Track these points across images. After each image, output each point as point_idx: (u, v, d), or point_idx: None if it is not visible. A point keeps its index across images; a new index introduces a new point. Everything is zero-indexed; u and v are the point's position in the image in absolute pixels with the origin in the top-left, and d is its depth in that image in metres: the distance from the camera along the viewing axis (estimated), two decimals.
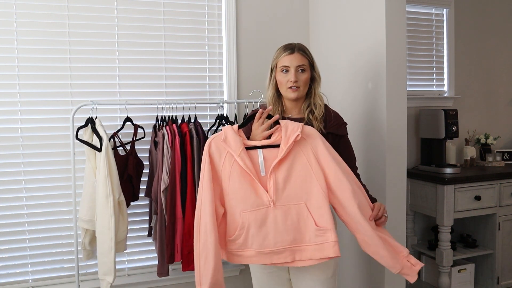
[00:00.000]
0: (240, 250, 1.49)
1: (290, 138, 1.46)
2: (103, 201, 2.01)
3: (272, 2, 2.73)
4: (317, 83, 1.72)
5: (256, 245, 1.46)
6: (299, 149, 1.48)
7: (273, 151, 1.49)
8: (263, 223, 1.45)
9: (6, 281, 2.34)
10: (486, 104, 3.42)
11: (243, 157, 1.45)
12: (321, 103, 1.70)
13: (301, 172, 1.47)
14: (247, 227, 1.46)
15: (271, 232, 1.45)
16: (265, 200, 1.45)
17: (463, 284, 2.91)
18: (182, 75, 2.59)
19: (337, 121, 1.71)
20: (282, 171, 1.46)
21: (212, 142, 1.51)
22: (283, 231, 1.45)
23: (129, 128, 2.30)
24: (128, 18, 2.48)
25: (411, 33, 3.12)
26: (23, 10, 2.30)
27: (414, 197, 2.96)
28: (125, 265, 2.53)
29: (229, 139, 1.48)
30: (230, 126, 1.52)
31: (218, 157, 1.49)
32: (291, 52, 1.66)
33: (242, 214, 1.46)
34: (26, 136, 2.34)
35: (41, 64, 2.35)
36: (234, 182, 1.47)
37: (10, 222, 2.33)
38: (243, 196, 1.46)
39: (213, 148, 1.50)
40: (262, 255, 1.47)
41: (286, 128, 1.49)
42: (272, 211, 1.45)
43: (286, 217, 1.46)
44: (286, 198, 1.46)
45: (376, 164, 2.15)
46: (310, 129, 1.54)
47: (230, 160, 1.47)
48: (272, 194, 1.45)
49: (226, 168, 1.48)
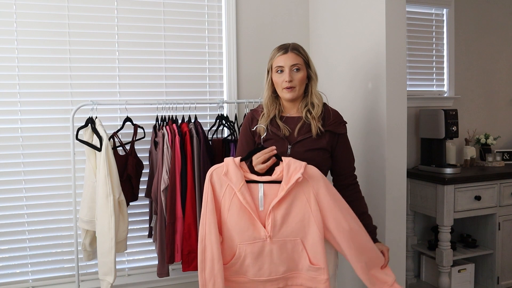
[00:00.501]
0: (234, 276, 1.53)
1: (292, 179, 1.47)
2: (103, 201, 2.01)
3: (272, 2, 2.73)
4: (314, 81, 1.71)
5: (251, 274, 1.51)
6: (300, 189, 1.50)
7: (274, 187, 1.50)
8: (259, 255, 1.49)
9: (6, 281, 2.34)
10: (486, 104, 3.42)
11: (243, 192, 1.47)
12: (318, 102, 1.68)
13: (299, 210, 1.50)
14: (243, 257, 1.49)
15: (266, 263, 1.49)
16: (262, 235, 1.48)
17: (463, 284, 2.91)
18: (182, 75, 2.59)
19: (336, 119, 1.70)
20: (281, 209, 1.48)
21: (214, 173, 1.52)
22: (278, 263, 1.50)
23: (129, 128, 2.30)
24: (128, 18, 2.48)
25: (411, 33, 3.12)
26: (23, 10, 2.31)
27: (414, 197, 2.96)
28: (125, 265, 2.53)
29: (231, 173, 1.49)
30: (232, 159, 1.52)
31: (219, 188, 1.51)
32: (285, 52, 1.66)
33: (239, 245, 1.49)
34: (26, 136, 2.34)
35: (41, 64, 2.35)
36: (232, 215, 1.49)
37: (10, 222, 2.33)
38: (241, 229, 1.48)
39: (215, 178, 1.51)
40: (256, 283, 1.52)
41: (288, 167, 1.49)
42: (269, 245, 1.48)
43: (282, 250, 1.49)
44: (283, 233, 1.49)
45: (376, 164, 2.15)
46: (313, 169, 1.52)
47: (230, 193, 1.49)
48: (269, 230, 1.47)
49: (226, 200, 1.50)
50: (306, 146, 1.64)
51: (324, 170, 1.70)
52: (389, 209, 2.10)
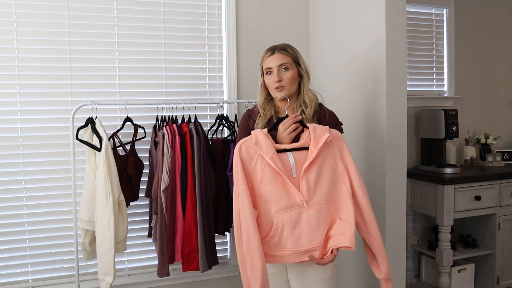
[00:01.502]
0: (274, 250, 1.51)
1: (320, 141, 1.51)
2: (103, 201, 2.01)
3: (272, 2, 2.73)
4: (305, 79, 1.70)
5: (290, 245, 1.49)
6: (327, 151, 1.54)
7: (302, 154, 1.53)
8: (297, 223, 1.48)
9: (6, 281, 2.34)
10: (486, 104, 3.42)
11: (275, 160, 1.48)
12: (310, 101, 1.68)
13: (329, 172, 1.53)
14: (281, 227, 1.48)
15: (305, 231, 1.48)
16: (297, 201, 1.48)
17: (463, 284, 2.91)
18: (182, 75, 2.59)
19: (332, 120, 1.70)
20: (313, 172, 1.50)
21: (243, 145, 1.52)
22: (316, 228, 1.49)
23: (129, 128, 2.30)
24: (128, 18, 2.48)
25: (411, 33, 3.12)
26: (23, 10, 2.30)
27: (414, 197, 2.96)
28: (125, 265, 2.53)
29: (261, 142, 1.51)
30: (260, 130, 1.54)
31: (249, 161, 1.51)
32: (272, 53, 1.67)
33: (276, 215, 1.48)
34: (26, 136, 2.34)
35: (41, 64, 2.35)
36: (266, 184, 1.49)
37: (10, 222, 2.33)
38: (276, 197, 1.48)
39: (244, 152, 1.51)
40: (297, 254, 1.50)
41: (314, 131, 1.54)
42: (306, 211, 1.48)
43: (319, 215, 1.49)
44: (317, 197, 1.50)
45: (376, 164, 2.15)
46: (335, 131, 1.59)
47: (262, 163, 1.50)
48: (305, 194, 1.48)
49: (258, 171, 1.50)
50: None
51: None
52: (389, 209, 2.10)
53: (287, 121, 1.56)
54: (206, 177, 2.18)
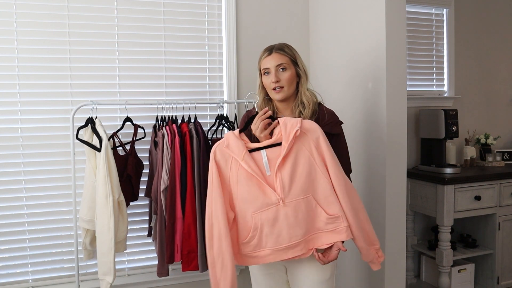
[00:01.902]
0: (255, 251, 1.51)
1: (290, 134, 1.48)
2: (103, 201, 2.01)
3: (272, 2, 2.73)
4: (303, 79, 1.68)
5: (271, 244, 1.49)
6: (301, 144, 1.51)
7: (276, 150, 1.51)
8: (275, 221, 1.48)
9: (6, 281, 2.34)
10: (486, 104, 3.42)
11: (247, 161, 1.48)
12: (308, 101, 1.66)
13: (305, 165, 1.50)
14: (260, 227, 1.48)
15: (284, 228, 1.47)
16: (273, 199, 1.47)
17: (463, 284, 2.91)
18: (182, 75, 2.59)
19: (331, 119, 1.68)
20: (287, 168, 1.48)
21: (217, 149, 1.53)
22: (295, 225, 1.48)
23: (129, 128, 2.30)
24: (128, 18, 2.48)
25: (411, 33, 3.12)
26: (23, 10, 2.30)
27: (414, 197, 2.96)
28: (125, 265, 2.53)
29: (232, 144, 1.51)
30: (231, 132, 1.54)
31: (224, 164, 1.52)
32: (269, 53, 1.67)
33: (254, 216, 1.48)
34: (26, 136, 2.34)
35: (41, 64, 2.35)
36: (242, 186, 1.49)
37: (10, 222, 2.33)
38: (252, 198, 1.48)
39: (218, 155, 1.53)
40: (278, 252, 1.49)
41: (285, 125, 1.51)
42: (282, 209, 1.47)
43: (297, 211, 1.48)
44: (293, 193, 1.48)
45: (376, 164, 2.15)
46: (309, 123, 1.55)
47: (236, 165, 1.50)
48: (280, 192, 1.47)
49: (233, 173, 1.51)
50: None
51: None
52: (389, 209, 2.10)
53: (256, 120, 1.56)
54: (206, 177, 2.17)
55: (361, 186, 2.25)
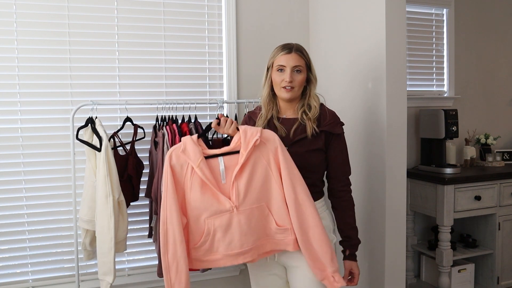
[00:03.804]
0: (206, 256, 1.52)
1: (250, 143, 1.49)
2: (103, 201, 2.01)
3: (272, 2, 2.73)
4: (313, 85, 1.70)
5: (222, 249, 1.50)
6: (259, 153, 1.51)
7: (233, 158, 1.51)
8: (228, 228, 1.48)
9: (6, 281, 2.34)
10: (486, 104, 3.42)
11: (202, 168, 1.47)
12: (316, 104, 1.68)
13: (261, 175, 1.51)
14: (213, 232, 1.49)
15: (237, 234, 1.48)
16: (227, 206, 1.47)
17: (463, 284, 2.91)
18: (182, 75, 2.59)
19: (333, 119, 1.68)
20: (243, 177, 1.48)
21: (173, 153, 1.52)
22: (248, 232, 1.49)
23: (129, 128, 2.30)
24: (128, 18, 2.48)
25: (411, 33, 3.12)
26: (23, 10, 2.30)
27: (414, 197, 2.96)
28: (125, 265, 2.53)
29: (188, 150, 1.50)
30: (189, 137, 1.54)
31: (179, 169, 1.51)
32: (289, 51, 1.64)
33: (207, 221, 1.48)
34: (26, 136, 2.34)
35: (41, 64, 2.34)
36: (195, 192, 1.48)
37: (10, 222, 2.33)
38: (206, 204, 1.48)
39: (174, 159, 1.51)
40: (229, 257, 1.50)
41: (245, 134, 1.52)
42: (236, 216, 1.47)
43: (250, 219, 1.49)
44: (248, 202, 1.49)
45: (376, 164, 2.15)
46: (269, 133, 1.55)
47: (191, 171, 1.50)
48: (234, 200, 1.47)
49: (188, 179, 1.50)
50: (304, 147, 1.63)
51: (321, 172, 1.70)
52: (389, 209, 2.10)
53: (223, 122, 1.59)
54: None
55: (361, 186, 2.25)
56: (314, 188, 1.65)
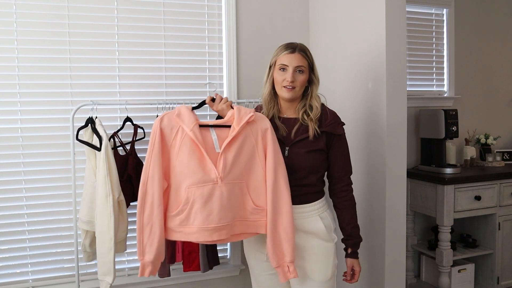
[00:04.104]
0: (180, 226, 1.49)
1: (243, 119, 1.53)
2: (103, 201, 2.01)
3: (272, 2, 2.73)
4: (315, 86, 1.70)
5: (199, 221, 1.46)
6: (249, 131, 1.55)
7: (224, 131, 1.55)
8: (209, 199, 1.46)
9: (6, 281, 2.34)
10: (486, 104, 3.42)
11: (195, 131, 1.48)
12: (317, 105, 1.67)
13: (247, 152, 1.53)
14: (192, 202, 1.46)
15: (216, 208, 1.46)
16: (212, 177, 1.47)
17: (463, 284, 2.91)
18: (182, 75, 2.59)
19: (334, 120, 1.68)
20: (232, 150, 1.51)
21: (165, 116, 1.52)
22: (227, 207, 1.48)
23: (129, 128, 2.30)
24: (128, 18, 2.48)
25: (411, 33, 3.12)
26: (23, 10, 2.30)
27: (414, 197, 2.96)
28: (125, 265, 2.53)
29: (183, 114, 1.52)
30: (184, 105, 1.57)
31: (169, 132, 1.50)
32: (292, 51, 1.64)
33: (188, 189, 1.46)
34: (26, 136, 2.34)
35: (41, 64, 2.34)
36: (183, 156, 1.48)
37: (10, 222, 2.33)
38: (191, 171, 1.46)
39: (165, 122, 1.51)
40: (204, 232, 1.47)
41: (239, 111, 1.57)
42: (219, 188, 1.47)
43: (231, 194, 1.49)
44: (232, 175, 1.50)
45: (376, 164, 2.15)
46: (261, 116, 1.62)
47: (182, 134, 1.50)
48: (220, 171, 1.47)
49: (176, 142, 1.50)
50: (305, 148, 1.63)
51: (322, 172, 1.70)
52: (389, 209, 2.10)
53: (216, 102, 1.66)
54: None
55: (361, 186, 2.25)
56: (314, 188, 1.66)
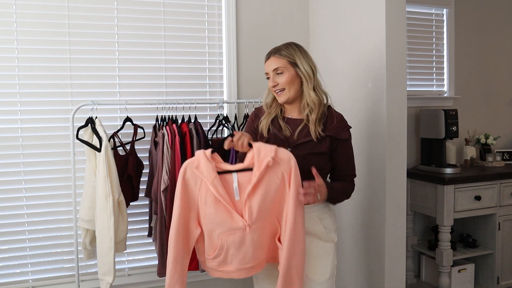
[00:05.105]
0: (220, 266, 1.53)
1: (263, 163, 1.46)
2: (103, 201, 2.01)
3: (272, 2, 2.73)
4: (305, 80, 1.63)
5: (236, 263, 1.51)
6: (273, 172, 1.49)
7: (247, 175, 1.50)
8: (242, 244, 1.48)
9: (6, 281, 2.34)
10: (486, 104, 3.42)
11: (215, 185, 1.46)
12: (314, 103, 1.63)
13: (274, 193, 1.49)
14: (226, 248, 1.49)
15: (250, 250, 1.49)
16: (240, 224, 1.47)
17: (463, 284, 2.91)
18: (182, 75, 2.59)
19: (340, 124, 1.65)
20: (256, 196, 1.47)
21: (188, 167, 1.51)
22: (261, 246, 1.51)
23: (129, 128, 2.30)
24: (128, 18, 2.48)
25: (411, 33, 3.12)
26: (23, 10, 2.30)
27: (414, 197, 2.96)
28: (125, 265, 2.53)
29: (202, 166, 1.49)
30: (202, 151, 1.51)
31: (193, 183, 1.50)
32: (267, 58, 1.67)
33: (220, 236, 1.49)
34: (26, 136, 2.34)
35: (41, 64, 2.35)
36: (209, 208, 1.48)
37: (10, 222, 2.33)
38: (219, 220, 1.48)
39: (189, 174, 1.51)
40: (242, 270, 1.51)
41: (259, 152, 1.49)
42: (249, 234, 1.47)
43: (262, 235, 1.50)
44: (260, 220, 1.48)
45: (376, 164, 2.15)
46: (284, 153, 1.51)
47: (205, 186, 1.49)
48: (247, 219, 1.46)
49: (202, 193, 1.49)
50: (307, 150, 1.62)
51: (325, 174, 1.69)
52: (389, 209, 2.10)
53: (240, 135, 1.54)
54: None
55: (361, 186, 2.25)
56: None
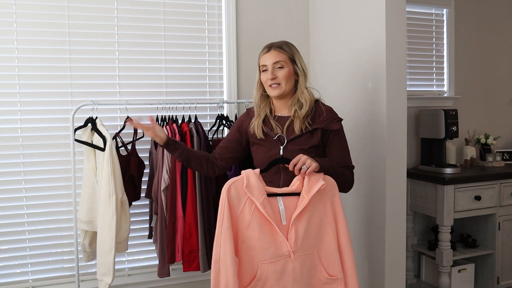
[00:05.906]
0: None
1: (314, 188, 1.43)
2: (106, 200, 2.00)
3: (272, 2, 2.73)
4: (301, 77, 1.67)
5: None
6: (318, 198, 1.47)
7: (292, 200, 1.45)
8: (282, 275, 1.41)
9: (6, 281, 2.34)
10: (486, 104, 3.42)
11: (265, 205, 1.39)
12: (306, 99, 1.65)
13: (317, 220, 1.46)
14: (265, 278, 1.40)
15: (289, 283, 1.42)
16: (284, 250, 1.41)
17: (463, 284, 2.91)
18: (182, 75, 2.59)
19: (329, 116, 1.66)
20: (303, 221, 1.43)
21: (232, 186, 1.41)
22: (300, 280, 1.43)
23: (129, 128, 2.30)
24: (128, 18, 2.48)
25: (411, 33, 3.12)
26: (23, 10, 2.30)
27: (414, 197, 2.96)
28: (125, 265, 2.53)
29: (252, 185, 1.40)
30: (251, 171, 1.43)
31: (236, 203, 1.40)
32: (268, 50, 1.68)
33: (261, 265, 1.40)
34: (26, 136, 2.34)
35: (41, 64, 2.34)
36: (253, 231, 1.40)
37: (10, 222, 2.33)
38: (263, 245, 1.40)
39: (233, 192, 1.40)
40: None
41: (309, 177, 1.46)
42: (291, 262, 1.42)
43: (303, 266, 1.44)
44: (303, 247, 1.44)
45: (376, 164, 2.15)
46: (329, 178, 1.51)
47: (250, 207, 1.40)
48: (292, 245, 1.41)
49: (245, 215, 1.40)
50: (298, 145, 1.63)
51: None
52: (389, 209, 2.10)
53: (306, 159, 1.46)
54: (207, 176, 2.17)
55: (361, 186, 2.25)
56: None
